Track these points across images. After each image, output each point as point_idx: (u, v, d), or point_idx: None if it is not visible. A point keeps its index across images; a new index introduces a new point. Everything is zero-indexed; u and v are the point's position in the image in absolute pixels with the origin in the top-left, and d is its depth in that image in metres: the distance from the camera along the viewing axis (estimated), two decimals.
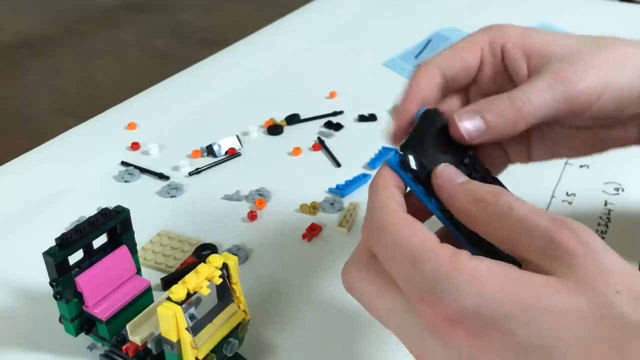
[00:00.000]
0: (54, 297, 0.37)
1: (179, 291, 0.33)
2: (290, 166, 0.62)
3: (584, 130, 0.38)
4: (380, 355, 0.41)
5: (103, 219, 0.38)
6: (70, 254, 0.37)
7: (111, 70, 0.92)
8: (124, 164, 0.63)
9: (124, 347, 0.37)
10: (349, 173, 0.59)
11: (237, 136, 0.66)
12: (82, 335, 0.39)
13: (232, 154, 0.64)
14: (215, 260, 0.36)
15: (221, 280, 0.35)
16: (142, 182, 0.60)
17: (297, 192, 0.57)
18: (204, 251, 0.49)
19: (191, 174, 0.61)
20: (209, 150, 0.64)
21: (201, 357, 0.35)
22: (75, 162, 0.64)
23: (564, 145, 0.39)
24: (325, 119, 0.70)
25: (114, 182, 0.60)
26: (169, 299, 0.33)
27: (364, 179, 0.58)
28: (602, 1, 1.04)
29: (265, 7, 1.13)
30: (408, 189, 0.32)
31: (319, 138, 0.66)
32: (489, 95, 0.35)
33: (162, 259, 0.49)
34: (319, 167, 0.62)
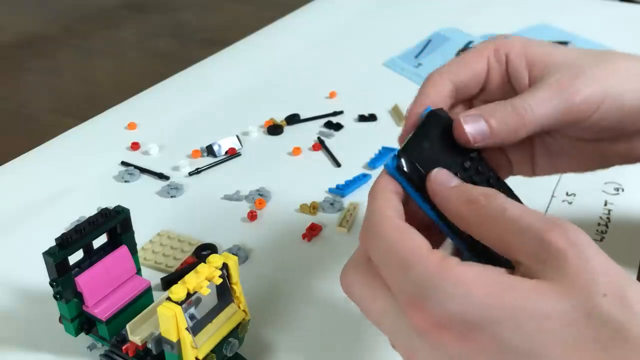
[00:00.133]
0: (54, 297, 0.37)
1: (179, 291, 0.33)
2: (290, 166, 0.62)
3: (588, 143, 0.39)
4: (380, 355, 0.41)
5: (103, 219, 0.38)
6: (70, 254, 0.37)
7: (111, 70, 0.92)
8: (124, 164, 0.63)
9: (124, 347, 0.37)
10: (349, 173, 0.59)
11: (237, 136, 0.66)
12: (82, 335, 0.39)
13: (232, 154, 0.64)
14: (215, 260, 0.36)
15: (221, 280, 0.35)
16: (142, 182, 0.60)
17: (297, 192, 0.57)
18: (204, 251, 0.49)
19: (191, 174, 0.61)
20: (209, 150, 0.64)
21: (201, 357, 0.35)
22: (75, 162, 0.64)
23: (568, 159, 0.40)
24: (325, 119, 0.70)
25: (114, 182, 0.60)
26: (169, 299, 0.33)
27: (364, 179, 0.58)
28: (602, 1, 1.04)
29: (265, 7, 1.13)
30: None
31: (319, 138, 0.66)
32: None
33: (162, 259, 0.49)
34: (319, 167, 0.62)
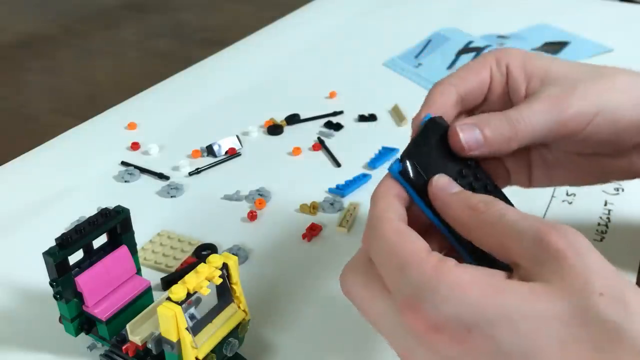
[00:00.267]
0: (54, 297, 0.37)
1: (179, 291, 0.33)
2: (290, 166, 0.62)
3: (586, 157, 0.39)
4: (379, 355, 0.41)
5: (103, 219, 0.38)
6: (70, 254, 0.37)
7: (111, 70, 0.92)
8: (124, 164, 0.63)
9: (124, 347, 0.37)
10: (349, 173, 0.59)
11: (237, 136, 0.66)
12: (82, 335, 0.39)
13: (232, 154, 0.64)
14: (215, 260, 0.36)
15: (221, 280, 0.35)
16: (142, 182, 0.60)
17: (297, 192, 0.57)
18: (204, 251, 0.49)
19: (191, 174, 0.61)
20: (209, 150, 0.64)
21: (201, 357, 0.35)
22: (75, 162, 0.64)
23: (564, 172, 0.40)
24: (325, 119, 0.70)
25: (114, 182, 0.60)
26: (169, 299, 0.33)
27: (364, 179, 0.58)
28: (602, 1, 1.04)
29: (265, 7, 1.13)
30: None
31: (319, 138, 0.66)
32: None
33: (162, 259, 0.49)
34: (319, 167, 0.62)
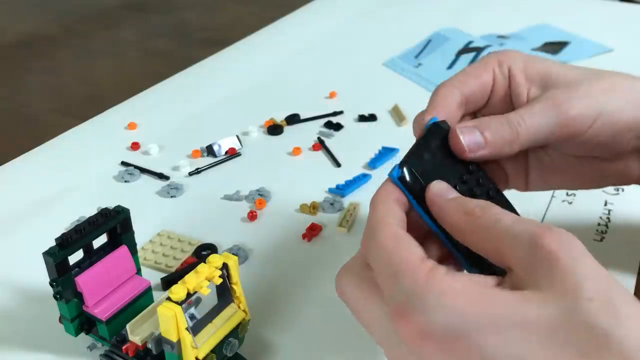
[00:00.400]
0: (54, 297, 0.37)
1: (179, 291, 0.33)
2: (290, 166, 0.62)
3: (583, 160, 0.39)
4: (379, 355, 0.41)
5: (103, 219, 0.38)
6: (70, 254, 0.37)
7: (111, 70, 0.92)
8: (124, 164, 0.63)
9: (124, 347, 0.37)
10: (349, 173, 0.59)
11: (237, 136, 0.66)
12: (82, 335, 0.39)
13: (232, 154, 0.64)
14: (215, 260, 0.36)
15: (221, 280, 0.35)
16: (142, 182, 0.60)
17: (297, 192, 0.57)
18: (204, 251, 0.49)
19: (191, 174, 0.61)
20: (209, 150, 0.64)
21: (201, 357, 0.35)
22: (75, 162, 0.64)
23: (561, 176, 0.40)
24: (325, 119, 0.70)
25: (114, 182, 0.60)
26: (169, 299, 0.33)
27: (364, 179, 0.58)
28: (602, 1, 1.04)
29: (265, 7, 1.13)
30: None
31: (319, 138, 0.66)
32: None
33: (162, 259, 0.49)
34: (319, 167, 0.62)
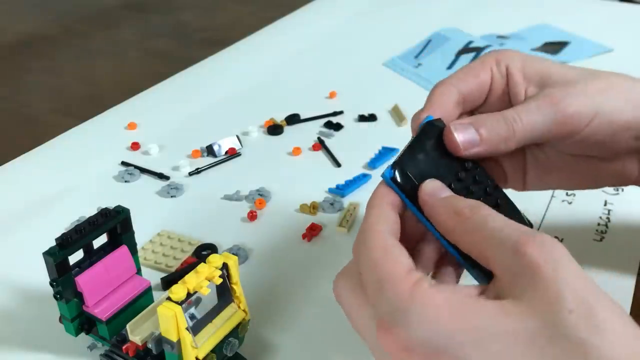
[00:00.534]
0: (54, 297, 0.37)
1: (179, 291, 0.33)
2: (290, 166, 0.62)
3: (580, 160, 0.39)
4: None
5: (103, 219, 0.38)
6: (70, 254, 0.37)
7: (111, 70, 0.92)
8: (124, 164, 0.63)
9: (124, 347, 0.37)
10: (349, 173, 0.60)
11: (237, 136, 0.66)
12: (82, 335, 0.39)
13: (232, 154, 0.64)
14: (215, 260, 0.36)
15: (221, 280, 0.35)
16: (142, 182, 0.60)
17: (297, 192, 0.57)
18: (204, 251, 0.49)
19: (191, 174, 0.61)
20: (209, 150, 0.64)
21: (201, 357, 0.35)
22: (75, 162, 0.64)
23: (559, 175, 0.40)
24: (325, 119, 0.70)
25: (114, 182, 0.60)
26: (169, 298, 0.33)
27: (364, 179, 0.58)
28: (602, 1, 1.04)
29: (265, 7, 1.13)
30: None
31: (319, 138, 0.66)
32: None
33: (162, 259, 0.49)
34: (319, 167, 0.62)
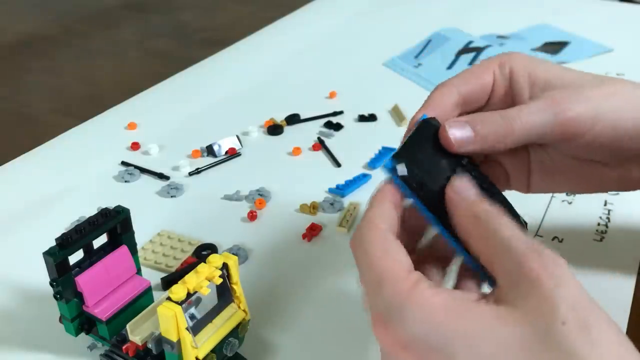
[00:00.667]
0: (54, 297, 0.37)
1: (179, 291, 0.33)
2: (290, 166, 0.62)
3: (585, 164, 0.39)
4: (379, 355, 0.41)
5: (103, 219, 0.38)
6: (70, 254, 0.37)
7: (111, 70, 0.92)
8: (124, 164, 0.63)
9: (124, 347, 0.37)
10: (349, 173, 0.59)
11: (237, 136, 0.66)
12: (82, 335, 0.39)
13: (232, 154, 0.64)
14: (215, 260, 0.36)
15: (221, 280, 0.35)
16: (142, 182, 0.60)
17: (297, 192, 0.57)
18: (204, 251, 0.49)
19: (191, 174, 0.61)
20: (209, 150, 0.64)
21: (201, 357, 0.35)
22: (75, 162, 0.64)
23: (563, 178, 0.40)
24: (325, 119, 0.70)
25: (114, 182, 0.60)
26: (169, 298, 0.33)
27: (364, 179, 0.58)
28: (602, 1, 1.04)
29: (265, 7, 1.13)
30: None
31: (319, 138, 0.66)
32: None
33: (162, 259, 0.49)
34: (319, 167, 0.62)
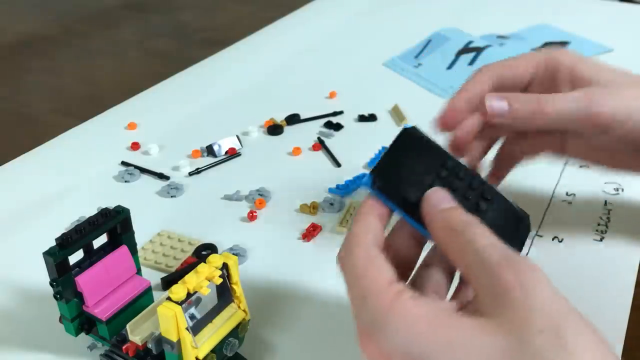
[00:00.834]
0: (54, 297, 0.37)
1: (179, 291, 0.33)
2: (290, 166, 0.62)
3: (621, 147, 0.41)
4: None
5: (103, 219, 0.38)
6: (70, 254, 0.37)
7: (111, 70, 0.92)
8: (124, 164, 0.63)
9: (124, 347, 0.37)
10: (349, 173, 0.59)
11: (237, 136, 0.66)
12: (82, 335, 0.39)
13: (232, 154, 0.64)
14: (215, 260, 0.36)
15: (221, 280, 0.35)
16: (142, 182, 0.60)
17: (297, 192, 0.57)
18: (204, 251, 0.49)
19: (191, 174, 0.61)
20: (209, 150, 0.64)
21: (201, 357, 0.35)
22: (75, 162, 0.64)
23: (600, 154, 0.42)
24: (325, 119, 0.70)
25: (114, 182, 0.60)
26: (169, 298, 0.33)
27: (364, 179, 0.58)
28: (602, 1, 1.04)
29: (265, 7, 1.13)
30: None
31: (319, 138, 0.66)
32: None
33: (162, 259, 0.49)
34: (319, 167, 0.62)
